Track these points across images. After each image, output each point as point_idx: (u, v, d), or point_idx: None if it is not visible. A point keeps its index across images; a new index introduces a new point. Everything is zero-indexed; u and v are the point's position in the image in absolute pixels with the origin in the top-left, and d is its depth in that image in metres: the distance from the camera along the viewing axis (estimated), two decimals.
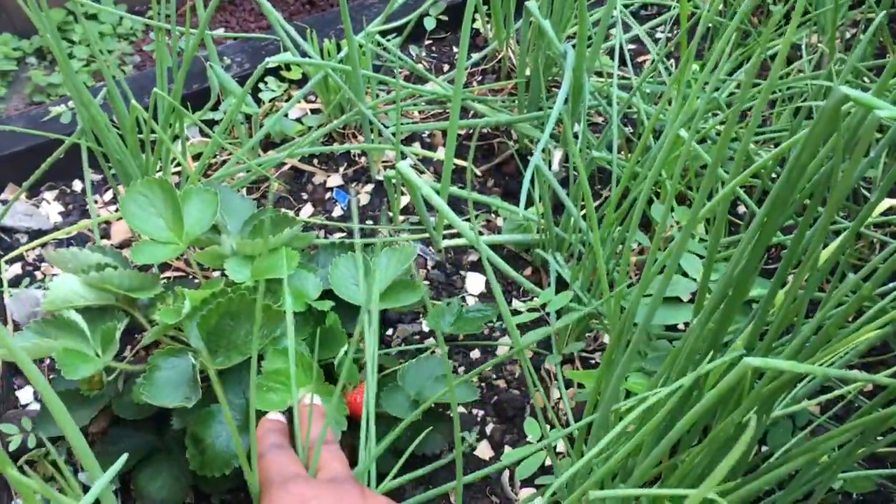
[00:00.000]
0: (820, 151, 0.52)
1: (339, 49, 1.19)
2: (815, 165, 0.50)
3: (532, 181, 1.13)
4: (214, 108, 1.19)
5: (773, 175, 0.99)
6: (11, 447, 0.86)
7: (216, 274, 1.00)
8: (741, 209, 1.11)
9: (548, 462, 0.86)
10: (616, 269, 0.88)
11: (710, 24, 1.20)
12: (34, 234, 1.13)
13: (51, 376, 0.98)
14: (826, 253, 0.60)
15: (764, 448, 0.81)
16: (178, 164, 1.15)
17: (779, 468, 0.57)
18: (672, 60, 1.32)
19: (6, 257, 1.10)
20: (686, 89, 0.86)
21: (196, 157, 1.17)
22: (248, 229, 0.91)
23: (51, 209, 1.17)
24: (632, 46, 1.38)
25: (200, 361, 0.77)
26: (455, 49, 1.37)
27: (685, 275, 0.82)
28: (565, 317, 0.84)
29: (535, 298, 0.96)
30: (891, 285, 0.70)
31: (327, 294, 0.86)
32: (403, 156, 1.14)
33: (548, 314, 0.91)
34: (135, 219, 0.86)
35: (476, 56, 1.31)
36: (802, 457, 0.58)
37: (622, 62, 1.30)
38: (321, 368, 0.80)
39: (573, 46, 1.00)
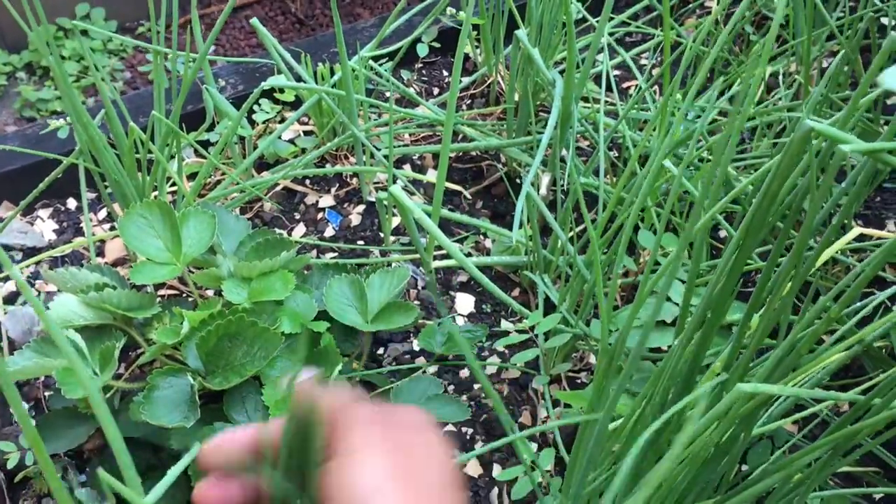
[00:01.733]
0: (792, 177, 0.55)
1: (332, 73, 1.21)
2: (786, 191, 0.53)
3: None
4: (209, 129, 1.21)
5: (753, 201, 1.02)
6: (10, 464, 0.87)
7: (210, 293, 1.03)
8: (723, 233, 1.15)
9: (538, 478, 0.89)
10: (604, 291, 0.91)
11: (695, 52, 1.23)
12: (29, 252, 1.15)
13: (47, 394, 1.00)
14: (790, 278, 0.63)
15: (745, 469, 0.84)
16: (174, 185, 1.17)
17: (755, 486, 0.60)
18: (657, 87, 1.36)
19: (1, 275, 1.12)
20: (670, 118, 0.89)
21: (191, 178, 1.19)
22: (245, 250, 0.93)
23: (45, 227, 1.18)
24: (617, 72, 1.42)
25: (199, 381, 0.79)
26: (445, 73, 1.40)
27: (668, 299, 0.85)
28: (555, 338, 0.86)
29: (525, 319, 0.99)
30: (858, 304, 0.73)
31: (322, 315, 0.88)
32: (395, 179, 1.17)
33: (536, 336, 0.94)
34: (134, 240, 0.88)
35: (466, 80, 1.34)
36: (777, 474, 0.60)
37: (608, 88, 1.34)
38: None
39: (561, 73, 1.03)
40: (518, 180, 1.21)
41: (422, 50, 1.35)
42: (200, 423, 0.78)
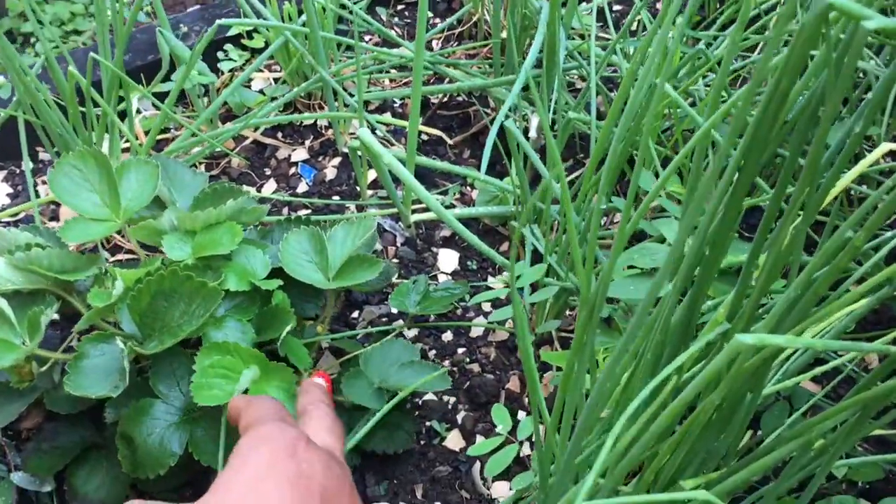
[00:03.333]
0: (803, 81, 0.44)
1: (300, 13, 1.11)
2: (798, 93, 0.42)
3: (508, 150, 1.05)
4: (167, 80, 1.11)
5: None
6: None
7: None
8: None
9: (524, 452, 0.79)
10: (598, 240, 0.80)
11: None
12: None
13: None
14: (802, 207, 0.52)
15: (759, 435, 0.73)
16: (129, 141, 1.08)
17: (767, 455, 0.49)
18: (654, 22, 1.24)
19: None
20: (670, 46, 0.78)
21: (149, 133, 1.09)
22: (189, 203, 0.84)
23: None
24: (618, 8, 1.30)
25: (130, 346, 0.69)
26: (430, 14, 1.29)
27: (667, 243, 0.74)
28: (540, 291, 0.76)
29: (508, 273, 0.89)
30: (889, 234, 0.62)
31: (278, 272, 0.79)
32: (370, 125, 1.06)
33: (521, 289, 0.83)
34: (65, 194, 0.79)
35: (450, 19, 1.23)
36: (795, 440, 0.50)
37: (605, 24, 1.22)
38: (265, 352, 0.73)
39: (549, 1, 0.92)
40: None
41: None
42: (132, 396, 0.68)
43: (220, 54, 1.15)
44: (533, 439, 0.79)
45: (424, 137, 1.11)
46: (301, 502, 0.51)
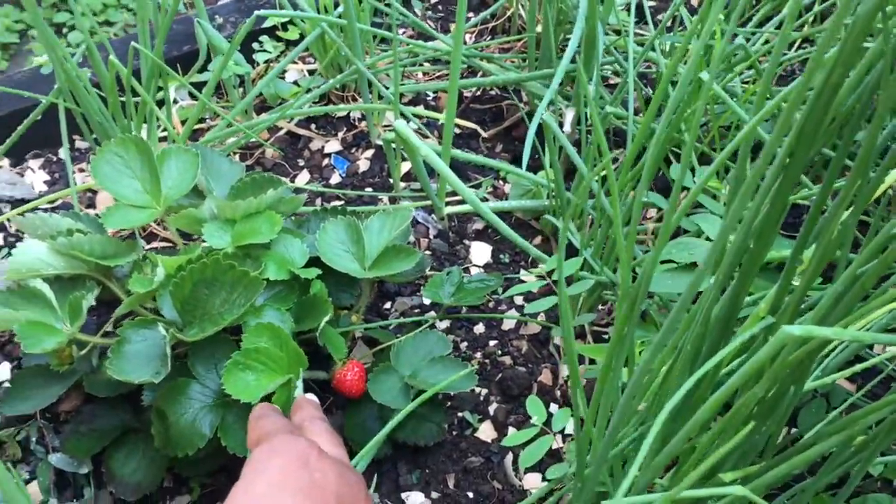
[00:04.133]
0: (857, 74, 0.44)
1: (336, 5, 1.11)
2: (850, 89, 0.42)
3: (543, 144, 1.05)
4: (204, 70, 1.12)
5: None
6: None
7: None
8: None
9: (556, 444, 0.79)
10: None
11: None
12: (17, 204, 1.08)
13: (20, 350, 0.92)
14: (851, 203, 0.52)
15: (794, 431, 0.73)
16: (166, 130, 1.09)
17: (808, 449, 0.49)
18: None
19: None
20: (710, 42, 0.78)
21: (185, 122, 1.11)
22: (226, 192, 0.85)
23: (36, 178, 1.11)
24: (652, 3, 1.29)
25: (171, 333, 0.70)
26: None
27: (708, 239, 0.74)
28: (576, 285, 0.76)
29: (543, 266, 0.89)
30: None
31: (315, 262, 0.79)
32: (405, 117, 1.07)
33: (555, 282, 0.84)
34: (107, 181, 0.80)
35: (484, 13, 1.23)
36: (835, 436, 0.50)
37: (642, 19, 1.22)
38: (302, 341, 0.73)
39: None
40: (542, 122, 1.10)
41: None
42: (170, 376, 0.69)
43: (255, 45, 1.16)
44: (565, 432, 0.79)
45: (457, 130, 1.12)
46: None
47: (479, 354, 0.89)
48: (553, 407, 0.84)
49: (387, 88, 1.06)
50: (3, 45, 1.65)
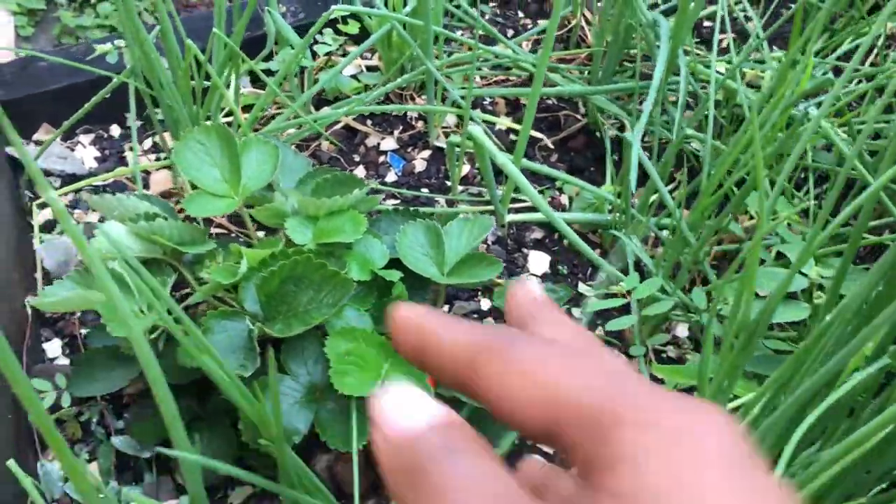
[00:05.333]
0: None
1: (405, 4, 1.11)
2: None
3: (603, 158, 1.06)
4: (268, 59, 1.12)
5: None
6: (45, 404, 0.80)
7: (261, 234, 0.94)
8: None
9: None
10: (706, 259, 0.81)
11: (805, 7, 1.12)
12: (67, 179, 1.07)
13: (83, 331, 0.92)
14: None
15: None
16: (228, 115, 1.08)
17: None
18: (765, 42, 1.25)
19: (38, 201, 1.04)
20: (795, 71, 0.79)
21: (245, 110, 1.10)
22: (306, 189, 0.84)
23: (86, 153, 1.10)
24: (708, 24, 1.30)
25: (259, 326, 0.70)
26: (520, 14, 1.29)
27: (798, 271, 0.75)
28: (654, 305, 0.77)
29: (600, 278, 0.90)
30: None
31: (392, 263, 0.79)
32: (473, 121, 1.07)
33: (629, 303, 0.84)
34: (190, 168, 0.79)
35: (543, 23, 1.23)
36: None
37: (703, 42, 1.23)
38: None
39: (663, 14, 0.92)
40: (598, 134, 1.11)
41: None
42: (258, 371, 0.69)
43: (316, 37, 1.15)
44: None
45: (512, 137, 1.12)
46: None
47: None
48: None
49: (447, 91, 1.06)
50: (29, 10, 1.63)
